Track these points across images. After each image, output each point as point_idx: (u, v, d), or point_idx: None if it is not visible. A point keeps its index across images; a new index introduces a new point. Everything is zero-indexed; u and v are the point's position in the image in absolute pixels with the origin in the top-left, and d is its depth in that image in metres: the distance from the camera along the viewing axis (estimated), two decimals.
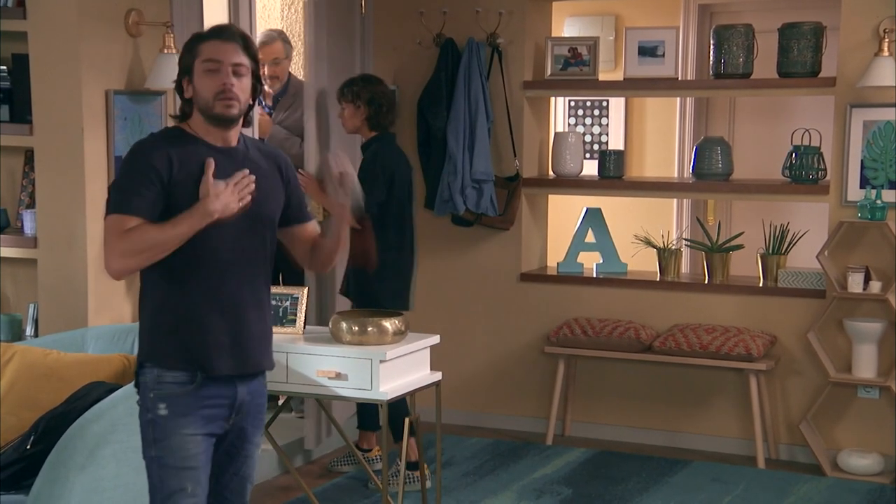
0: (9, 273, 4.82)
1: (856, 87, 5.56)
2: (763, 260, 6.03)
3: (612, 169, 6.27)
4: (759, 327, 5.90)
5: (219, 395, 3.14)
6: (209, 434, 3.15)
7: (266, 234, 3.21)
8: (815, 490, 5.41)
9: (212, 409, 3.14)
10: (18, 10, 4.54)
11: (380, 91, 5.34)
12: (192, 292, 3.10)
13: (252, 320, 3.18)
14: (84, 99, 4.46)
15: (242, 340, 3.16)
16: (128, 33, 4.64)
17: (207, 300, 3.11)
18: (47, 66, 4.50)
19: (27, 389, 3.99)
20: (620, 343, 5.95)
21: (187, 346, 3.11)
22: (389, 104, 5.37)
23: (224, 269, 3.12)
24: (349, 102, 5.33)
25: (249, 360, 3.19)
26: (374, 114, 5.31)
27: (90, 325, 4.46)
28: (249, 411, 3.23)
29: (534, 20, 6.35)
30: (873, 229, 5.60)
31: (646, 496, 5.32)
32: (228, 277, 3.13)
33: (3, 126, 4.67)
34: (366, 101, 5.29)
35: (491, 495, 5.31)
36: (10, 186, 4.85)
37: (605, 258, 6.35)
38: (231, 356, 3.14)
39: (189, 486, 3.14)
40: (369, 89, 5.31)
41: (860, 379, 5.61)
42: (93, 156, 4.49)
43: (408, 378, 4.40)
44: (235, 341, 3.15)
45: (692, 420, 6.10)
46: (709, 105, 7.67)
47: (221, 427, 3.18)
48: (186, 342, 3.11)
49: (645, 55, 6.12)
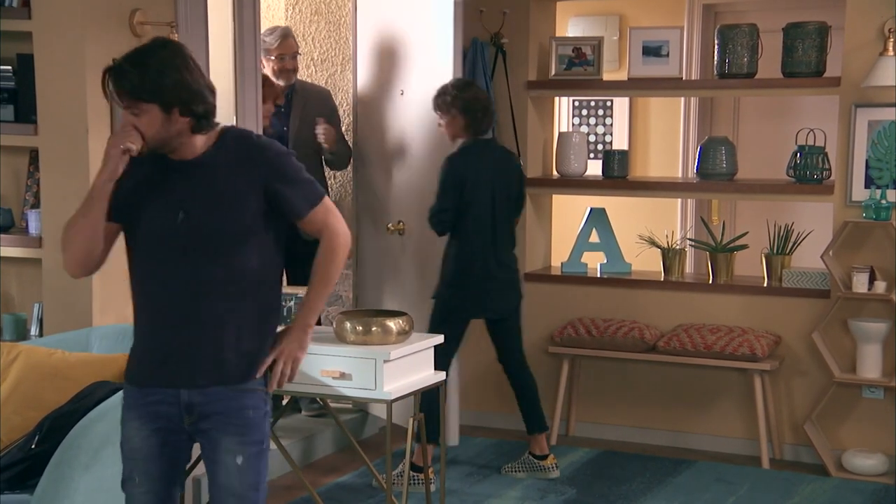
0: (14, 273, 4.82)
1: (860, 87, 5.56)
2: (767, 260, 6.03)
3: (617, 169, 6.27)
4: (763, 327, 5.90)
5: (161, 394, 3.21)
6: (157, 429, 3.22)
7: (209, 248, 3.14)
8: (820, 490, 5.41)
9: (157, 406, 3.21)
10: (23, 10, 4.54)
11: (472, 96, 5.34)
12: (137, 305, 3.28)
13: (191, 336, 3.18)
14: (89, 99, 4.46)
15: (172, 353, 3.20)
16: (132, 33, 4.63)
17: (144, 314, 3.24)
18: (52, 66, 4.50)
19: (32, 389, 3.99)
20: (624, 343, 5.95)
21: (132, 349, 3.30)
22: (484, 109, 5.37)
23: (160, 288, 3.20)
24: (444, 113, 5.36)
25: (176, 370, 3.20)
26: (472, 121, 5.33)
27: (95, 324, 4.46)
28: (212, 416, 3.20)
29: (538, 20, 6.35)
30: (878, 229, 5.59)
31: (650, 496, 5.32)
32: (164, 296, 3.19)
33: (8, 126, 4.67)
34: (460, 109, 5.31)
35: (495, 495, 5.32)
36: (14, 186, 4.85)
37: (609, 258, 6.35)
38: (151, 368, 3.22)
39: (136, 476, 3.24)
40: (462, 97, 5.32)
41: (865, 379, 5.60)
42: (97, 156, 4.43)
43: (412, 378, 4.40)
44: (164, 355, 3.21)
45: (696, 420, 6.10)
46: (713, 105, 7.67)
47: (175, 425, 3.21)
48: (132, 346, 3.30)
49: (649, 55, 6.12)
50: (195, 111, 3.08)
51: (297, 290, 4.54)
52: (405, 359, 4.33)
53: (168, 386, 3.19)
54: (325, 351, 4.29)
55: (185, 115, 3.08)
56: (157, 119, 3.07)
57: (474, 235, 5.35)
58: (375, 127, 6.18)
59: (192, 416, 3.20)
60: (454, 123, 5.36)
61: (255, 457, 3.22)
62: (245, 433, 3.21)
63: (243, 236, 3.15)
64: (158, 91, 3.04)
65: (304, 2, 6.80)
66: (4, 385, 4.09)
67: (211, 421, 3.20)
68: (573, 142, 6.32)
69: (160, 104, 3.05)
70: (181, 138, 3.11)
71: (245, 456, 3.21)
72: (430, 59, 5.79)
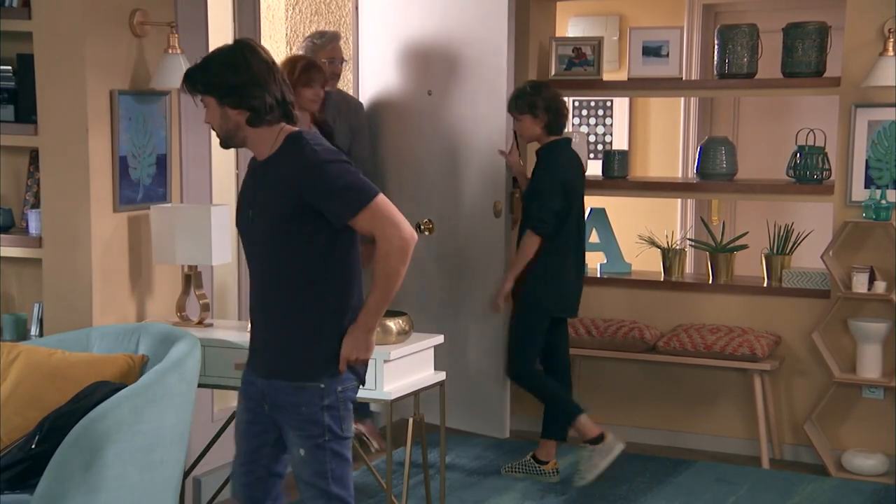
0: (14, 273, 4.83)
1: (860, 87, 5.57)
2: (767, 260, 6.04)
3: (617, 169, 6.28)
4: (763, 327, 5.91)
5: (251, 376, 3.55)
6: (247, 408, 3.56)
7: (267, 247, 3.41)
8: (820, 490, 5.42)
9: (248, 386, 3.57)
10: (23, 10, 4.55)
11: (551, 96, 5.43)
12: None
13: (266, 328, 3.51)
14: (89, 99, 4.46)
15: (256, 343, 3.55)
16: (132, 33, 4.65)
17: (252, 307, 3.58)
18: (52, 66, 4.51)
19: (32, 389, 4.00)
20: (624, 343, 5.96)
21: None
22: (561, 107, 5.45)
23: (253, 281, 3.53)
24: (526, 114, 5.41)
25: (258, 360, 3.54)
26: (553, 119, 5.40)
27: (95, 324, 4.47)
28: (278, 408, 3.48)
29: (538, 20, 6.37)
30: (878, 229, 5.61)
31: (650, 496, 5.33)
32: (254, 288, 3.53)
33: (8, 126, 4.67)
34: (543, 108, 5.39)
35: (495, 495, 5.33)
36: (14, 186, 4.86)
37: (609, 258, 6.36)
38: (251, 353, 3.58)
39: (237, 447, 3.62)
40: (542, 97, 5.40)
41: (865, 379, 5.61)
42: (97, 155, 4.50)
43: (412, 378, 4.41)
44: (254, 342, 3.56)
45: (696, 420, 6.11)
46: (713, 105, 7.69)
47: (260, 408, 3.52)
48: None
49: (649, 55, 6.14)
50: (247, 105, 3.32)
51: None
52: (405, 359, 4.35)
53: (254, 371, 3.54)
54: None
55: (238, 108, 3.33)
56: (216, 112, 3.36)
57: (569, 235, 5.44)
58: (399, 127, 6.21)
59: (267, 405, 3.50)
60: (535, 124, 5.43)
61: (316, 448, 3.44)
62: (303, 427, 3.44)
63: (287, 239, 3.37)
64: (210, 84, 3.34)
65: (304, 2, 6.80)
66: (5, 385, 4.10)
67: (278, 412, 3.48)
68: (573, 142, 6.31)
69: (215, 97, 3.34)
70: (242, 132, 3.37)
71: (306, 448, 3.44)
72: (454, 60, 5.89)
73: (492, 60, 5.76)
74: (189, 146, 4.94)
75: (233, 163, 5.36)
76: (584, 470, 5.38)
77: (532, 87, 5.48)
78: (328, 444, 3.43)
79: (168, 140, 4.83)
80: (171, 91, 4.77)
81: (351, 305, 3.43)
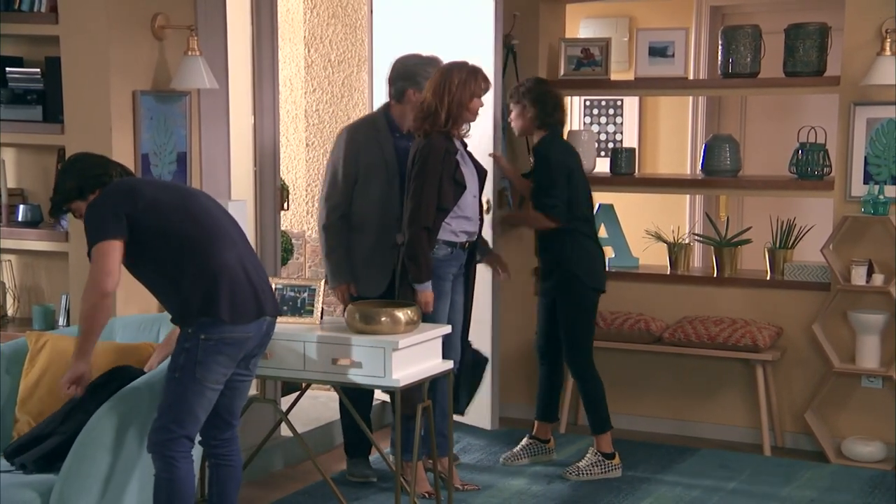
0: (43, 265, 5.00)
1: (859, 86, 5.67)
2: (770, 254, 6.15)
3: (624, 166, 6.41)
4: (765, 319, 6.03)
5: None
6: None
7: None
8: (819, 476, 5.54)
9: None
10: (51, 15, 4.70)
11: (544, 91, 5.55)
12: None
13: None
14: (112, 99, 4.61)
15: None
16: (154, 36, 4.79)
17: None
18: (78, 68, 4.65)
19: (59, 375, 4.09)
20: (631, 335, 6.10)
21: None
22: (555, 102, 5.55)
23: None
24: (516, 103, 5.57)
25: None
26: (541, 112, 5.51)
27: (118, 314, 4.61)
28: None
29: (547, 22, 6.50)
30: (876, 224, 5.72)
31: (655, 483, 5.46)
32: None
33: (36, 126, 4.82)
34: (531, 100, 5.51)
35: (504, 481, 5.46)
36: (43, 183, 5.01)
37: (617, 253, 6.47)
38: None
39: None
40: (535, 89, 5.54)
41: (863, 369, 5.73)
42: (120, 153, 4.62)
43: (420, 366, 4.56)
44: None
45: (700, 409, 6.24)
46: (721, 104, 7.78)
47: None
48: None
49: (655, 55, 6.26)
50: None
51: (310, 282, 4.69)
52: (413, 347, 4.49)
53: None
54: (337, 340, 4.47)
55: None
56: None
57: (585, 218, 5.55)
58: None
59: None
60: (524, 115, 5.55)
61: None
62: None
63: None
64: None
65: (321, 5, 6.95)
66: (33, 371, 4.27)
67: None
68: (582, 139, 6.44)
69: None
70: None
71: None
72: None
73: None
74: (208, 144, 5.08)
75: (250, 160, 5.49)
76: (582, 469, 5.53)
77: (528, 81, 5.63)
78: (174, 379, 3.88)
79: (188, 138, 4.97)
80: (190, 91, 4.92)
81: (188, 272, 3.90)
